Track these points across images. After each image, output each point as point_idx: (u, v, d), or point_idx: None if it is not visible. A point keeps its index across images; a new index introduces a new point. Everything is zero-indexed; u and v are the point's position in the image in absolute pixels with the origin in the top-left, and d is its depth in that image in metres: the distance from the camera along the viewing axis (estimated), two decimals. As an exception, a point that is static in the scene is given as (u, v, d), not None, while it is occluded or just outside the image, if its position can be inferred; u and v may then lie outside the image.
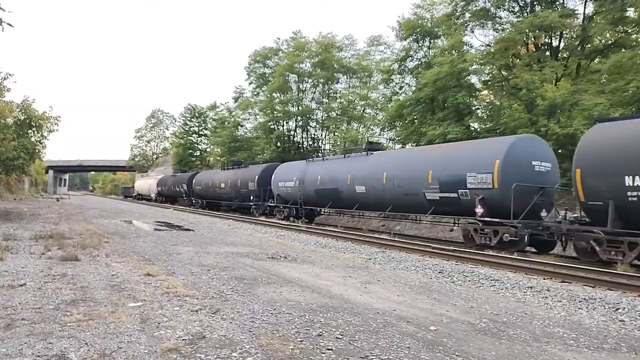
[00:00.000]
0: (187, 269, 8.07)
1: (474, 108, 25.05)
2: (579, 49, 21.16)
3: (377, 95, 39.59)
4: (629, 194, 9.84)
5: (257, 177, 26.64)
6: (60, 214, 23.55)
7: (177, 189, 42.94)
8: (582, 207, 11.19)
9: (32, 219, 19.21)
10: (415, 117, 26.44)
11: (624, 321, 5.83)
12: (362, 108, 40.99)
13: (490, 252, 11.98)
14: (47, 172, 80.00)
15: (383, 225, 22.36)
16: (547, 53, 21.95)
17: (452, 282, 8.29)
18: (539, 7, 21.73)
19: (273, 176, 24.81)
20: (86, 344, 3.99)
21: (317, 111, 42.33)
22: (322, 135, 42.91)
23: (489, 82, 24.58)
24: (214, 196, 34.19)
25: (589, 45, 21.27)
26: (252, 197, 26.92)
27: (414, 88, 28.10)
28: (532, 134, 15.87)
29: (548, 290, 7.55)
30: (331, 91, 42.78)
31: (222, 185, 31.75)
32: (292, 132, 43.43)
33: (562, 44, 22.36)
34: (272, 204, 24.76)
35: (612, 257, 10.19)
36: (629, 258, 9.90)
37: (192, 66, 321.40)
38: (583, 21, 20.89)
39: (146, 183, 58.73)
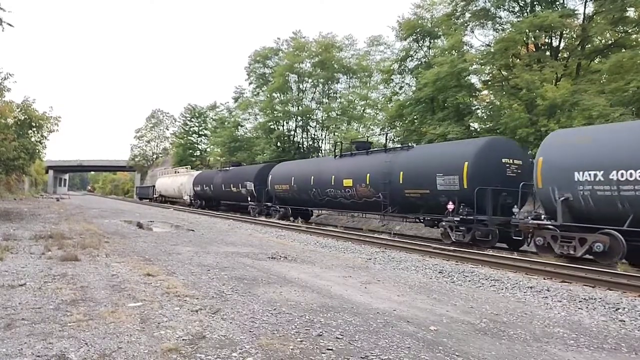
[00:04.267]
0: (187, 269, 8.07)
1: (474, 108, 25.04)
2: (579, 49, 21.15)
3: (377, 95, 39.66)
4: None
5: (466, 164, 13.51)
6: (60, 214, 23.54)
7: (235, 189, 29.58)
8: None
9: (32, 218, 19.21)
10: (415, 117, 26.43)
11: (624, 321, 5.83)
12: (362, 108, 41.02)
13: (490, 252, 11.97)
14: (47, 172, 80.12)
15: (383, 225, 22.34)
16: (547, 53, 21.94)
17: (452, 282, 8.29)
18: (539, 7, 21.72)
19: (541, 159, 11.34)
20: (86, 344, 3.99)
21: (317, 111, 42.36)
22: (322, 135, 42.94)
23: (489, 82, 24.57)
24: (319, 202, 21.24)
25: (589, 45, 21.26)
26: (450, 207, 13.76)
27: (414, 88, 28.09)
28: None
29: (548, 290, 7.54)
30: (331, 91, 42.81)
31: (347, 182, 18.55)
32: (292, 132, 43.44)
33: (562, 44, 22.35)
34: (559, 230, 10.92)
35: None
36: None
37: (192, 66, 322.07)
38: (583, 21, 20.86)
39: (175, 182, 44.20)
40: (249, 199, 27.82)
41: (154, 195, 51.34)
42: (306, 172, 22.11)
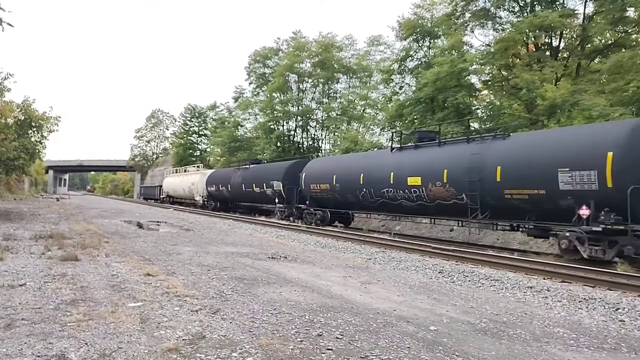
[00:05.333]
0: (187, 269, 8.07)
1: (474, 108, 25.05)
2: (579, 49, 21.14)
3: (377, 95, 39.66)
4: None
5: (610, 156, 10.22)
6: (60, 214, 23.54)
7: (258, 190, 26.02)
8: None
9: (32, 219, 19.20)
10: (415, 117, 26.44)
11: (624, 321, 5.83)
12: (362, 108, 41.02)
13: (490, 252, 11.97)
14: (47, 172, 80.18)
15: (383, 225, 22.35)
16: (547, 53, 21.93)
17: (452, 282, 8.29)
18: (539, 7, 21.72)
19: None
20: (86, 344, 3.99)
21: (317, 111, 42.39)
22: (322, 135, 42.97)
23: (489, 82, 24.57)
24: (370, 204, 17.43)
25: (589, 45, 21.26)
26: (583, 213, 10.49)
27: (414, 88, 28.10)
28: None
29: (548, 290, 7.55)
30: (331, 91, 42.83)
31: (413, 181, 15.08)
32: (292, 132, 43.48)
33: (562, 44, 22.35)
34: None
35: None
36: None
37: (192, 66, 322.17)
38: (583, 21, 20.86)
39: (185, 181, 40.47)
40: (276, 200, 24.13)
41: (161, 196, 47.95)
42: (353, 168, 18.49)
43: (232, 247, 11.95)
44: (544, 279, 8.74)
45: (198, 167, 43.72)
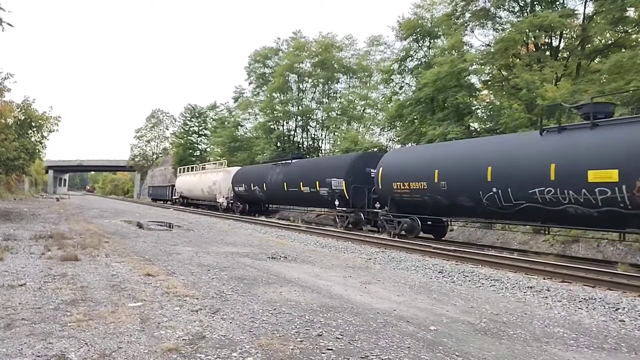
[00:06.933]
0: (187, 269, 8.07)
1: (474, 108, 25.05)
2: (579, 48, 21.14)
3: (377, 95, 39.65)
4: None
5: None
6: (60, 214, 23.54)
7: (307, 189, 21.43)
8: None
9: (32, 219, 19.20)
10: (415, 117, 26.43)
11: (624, 321, 5.83)
12: (362, 108, 41.01)
13: (491, 252, 11.96)
14: (47, 172, 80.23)
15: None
16: (547, 53, 21.93)
17: (452, 282, 8.29)
18: (539, 7, 21.73)
19: None
20: (86, 344, 3.99)
21: (317, 111, 42.38)
22: (322, 135, 42.96)
23: (489, 82, 24.57)
24: (499, 209, 12.23)
25: (589, 45, 21.25)
26: None
27: (414, 88, 28.10)
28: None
29: (548, 290, 7.54)
30: (331, 91, 42.83)
31: (596, 176, 9.92)
32: (292, 132, 43.48)
33: (562, 44, 22.35)
34: None
35: None
36: None
37: (192, 66, 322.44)
38: (583, 21, 20.86)
39: (203, 181, 35.39)
40: (336, 202, 19.64)
41: (174, 197, 43.07)
42: (473, 159, 13.19)
43: (232, 247, 11.95)
44: (544, 279, 8.74)
45: (221, 163, 38.33)
